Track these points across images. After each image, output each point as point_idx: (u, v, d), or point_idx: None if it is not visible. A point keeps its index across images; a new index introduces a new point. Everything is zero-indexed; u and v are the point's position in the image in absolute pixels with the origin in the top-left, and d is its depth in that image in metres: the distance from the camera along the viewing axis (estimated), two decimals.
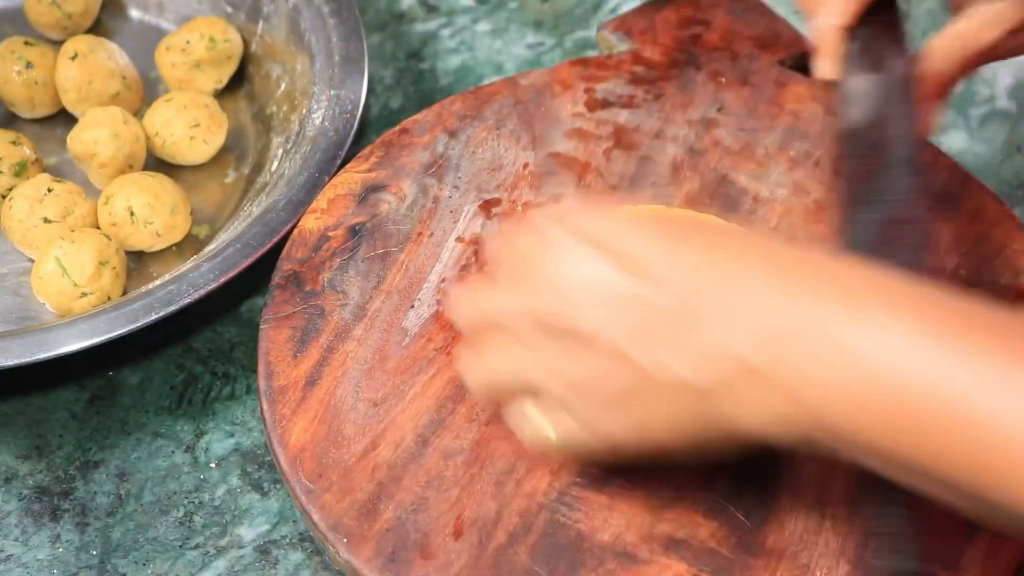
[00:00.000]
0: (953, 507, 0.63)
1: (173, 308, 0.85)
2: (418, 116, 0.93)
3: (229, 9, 1.03)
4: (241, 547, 0.82)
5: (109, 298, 0.89)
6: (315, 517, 0.78)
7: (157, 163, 0.97)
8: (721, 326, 0.64)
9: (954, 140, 0.99)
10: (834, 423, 0.63)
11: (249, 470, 0.85)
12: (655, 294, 0.66)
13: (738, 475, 0.79)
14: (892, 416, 0.61)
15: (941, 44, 0.82)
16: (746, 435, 0.66)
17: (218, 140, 0.97)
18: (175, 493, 0.84)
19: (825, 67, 0.83)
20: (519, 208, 0.89)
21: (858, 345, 0.62)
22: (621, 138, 0.92)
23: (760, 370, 0.63)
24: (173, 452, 0.86)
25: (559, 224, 0.69)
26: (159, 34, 1.03)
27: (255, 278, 0.90)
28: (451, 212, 0.89)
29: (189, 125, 0.96)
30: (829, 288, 0.64)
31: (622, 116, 0.93)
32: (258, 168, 0.97)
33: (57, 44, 1.00)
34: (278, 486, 0.85)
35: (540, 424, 0.71)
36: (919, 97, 0.81)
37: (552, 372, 0.69)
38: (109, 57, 0.98)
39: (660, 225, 0.68)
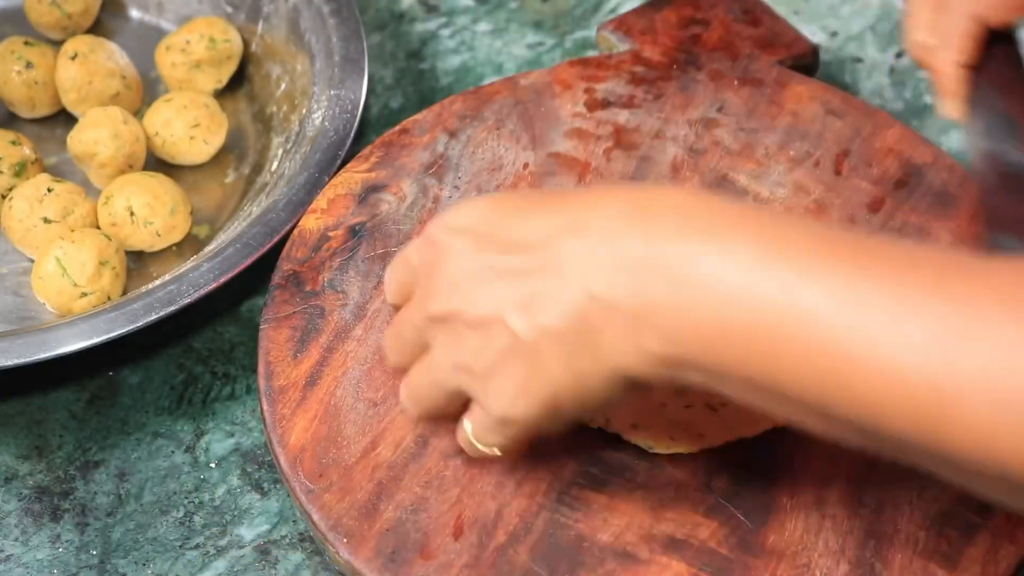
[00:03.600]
0: (811, 429, 0.65)
1: (173, 308, 0.85)
2: (418, 116, 0.93)
3: (229, 9, 1.03)
4: (241, 547, 0.82)
5: (109, 298, 0.89)
6: (315, 517, 0.78)
7: (157, 163, 0.97)
8: (574, 269, 0.66)
9: (954, 140, 0.99)
10: (691, 351, 0.64)
11: (249, 470, 0.85)
12: (520, 260, 0.68)
13: (738, 475, 0.79)
14: (745, 337, 0.63)
15: None
16: (626, 376, 0.67)
17: (218, 140, 0.97)
18: (175, 493, 0.84)
19: (952, 108, 0.81)
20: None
21: (705, 270, 0.63)
22: (621, 138, 0.92)
23: (615, 305, 0.65)
24: (173, 452, 0.86)
25: (440, 227, 0.72)
26: (159, 34, 1.03)
27: (255, 278, 0.90)
28: None
29: (189, 125, 0.96)
30: (675, 220, 0.65)
31: (622, 116, 0.93)
32: (258, 168, 0.97)
33: (57, 44, 1.00)
34: (278, 486, 0.85)
35: (470, 431, 0.73)
36: None
37: (456, 365, 0.71)
38: (109, 57, 0.98)
39: (519, 198, 0.73)
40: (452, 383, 0.72)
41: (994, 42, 0.80)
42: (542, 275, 0.67)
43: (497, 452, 0.74)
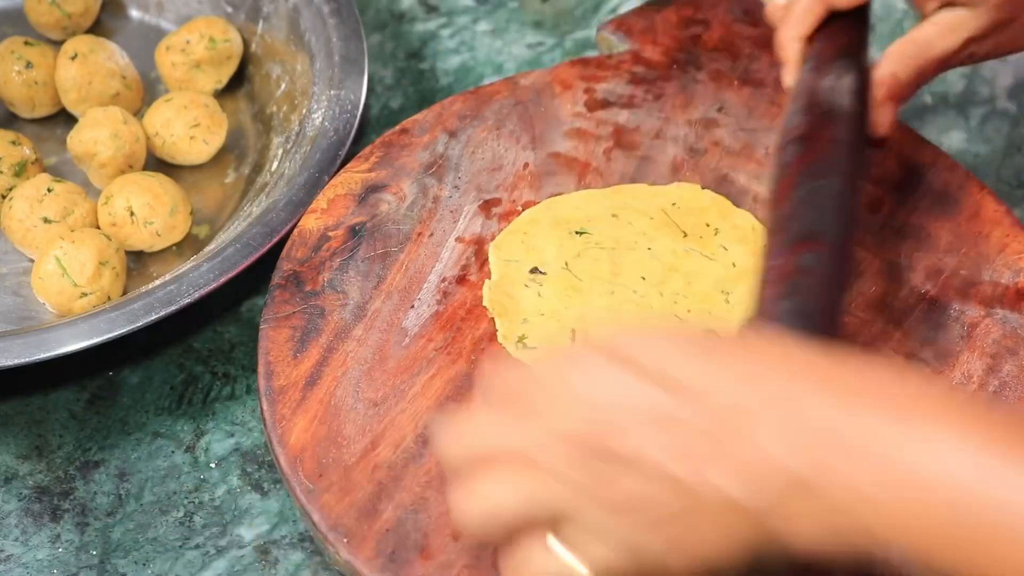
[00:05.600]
0: None
1: (173, 308, 0.85)
2: (418, 116, 0.93)
3: (229, 9, 1.03)
4: (241, 547, 0.82)
5: (109, 298, 0.89)
6: (315, 517, 0.78)
7: (157, 163, 0.97)
8: (768, 440, 0.61)
9: (954, 140, 0.99)
10: (887, 537, 0.60)
11: (249, 470, 0.85)
12: (698, 411, 0.62)
13: None
14: (944, 527, 0.59)
15: (899, 49, 0.83)
16: (798, 552, 0.61)
17: (218, 140, 0.97)
18: (175, 493, 0.84)
19: (787, 77, 0.85)
20: (519, 208, 0.89)
21: (907, 456, 0.59)
22: (621, 138, 0.92)
23: (810, 484, 0.60)
24: (173, 452, 0.86)
25: (583, 347, 0.65)
26: (159, 34, 1.03)
27: (255, 278, 0.90)
28: (451, 212, 0.89)
29: (189, 125, 0.96)
30: (876, 400, 0.61)
31: (622, 116, 0.93)
32: (258, 168, 0.97)
33: (57, 44, 1.00)
34: (278, 486, 0.85)
35: (568, 559, 0.64)
36: (875, 100, 0.83)
37: (588, 496, 0.63)
38: (109, 57, 0.98)
39: (694, 340, 0.65)
40: (572, 510, 0.63)
41: (837, 16, 0.85)
42: (729, 438, 0.61)
43: (585, 573, 0.64)
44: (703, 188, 0.90)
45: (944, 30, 0.82)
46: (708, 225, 0.88)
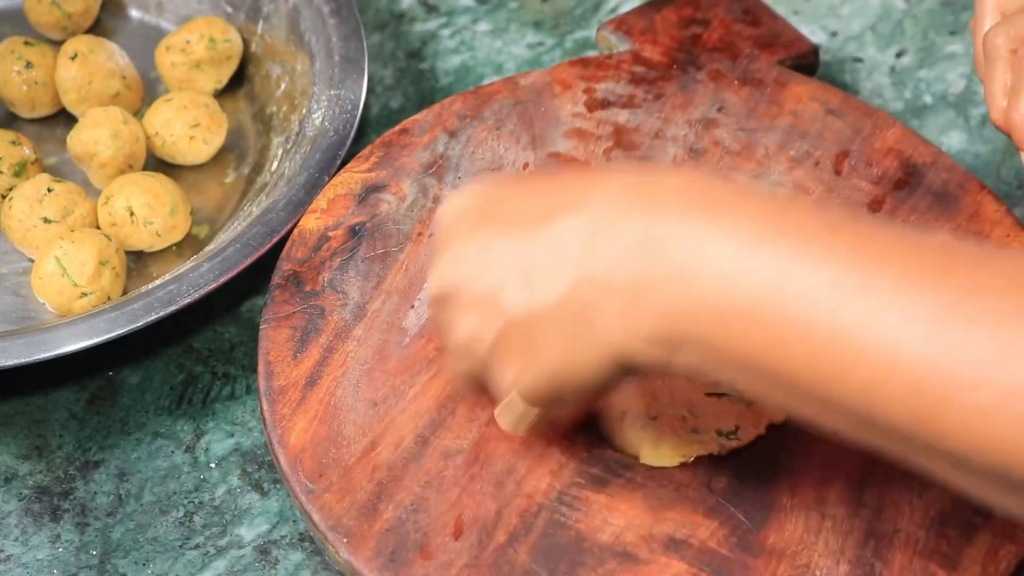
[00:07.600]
0: (804, 417, 0.64)
1: (173, 308, 0.85)
2: (418, 116, 0.93)
3: (229, 9, 1.03)
4: (241, 547, 0.82)
5: (109, 298, 0.89)
6: (315, 517, 0.78)
7: (157, 163, 0.97)
8: (571, 248, 0.67)
9: (954, 140, 0.99)
10: (688, 331, 0.64)
11: (249, 470, 0.85)
12: (519, 238, 0.69)
13: (738, 475, 0.79)
14: (743, 317, 0.62)
15: None
16: (620, 355, 0.67)
17: (218, 140, 0.97)
18: (175, 493, 0.84)
19: None
20: None
21: (705, 252, 0.63)
22: (621, 138, 0.92)
23: (612, 285, 0.66)
24: (173, 452, 0.86)
25: (442, 210, 0.74)
26: (159, 34, 1.03)
27: (255, 278, 0.90)
28: None
29: (189, 125, 0.96)
30: (676, 202, 0.65)
31: (622, 116, 0.93)
32: (258, 168, 0.97)
33: (57, 44, 1.00)
34: (278, 486, 0.85)
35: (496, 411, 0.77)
36: None
37: (465, 344, 0.72)
38: (109, 57, 0.98)
39: (522, 179, 0.74)
40: (467, 362, 0.73)
41: None
42: (539, 252, 0.68)
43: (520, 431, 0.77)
44: None
45: None
46: None
